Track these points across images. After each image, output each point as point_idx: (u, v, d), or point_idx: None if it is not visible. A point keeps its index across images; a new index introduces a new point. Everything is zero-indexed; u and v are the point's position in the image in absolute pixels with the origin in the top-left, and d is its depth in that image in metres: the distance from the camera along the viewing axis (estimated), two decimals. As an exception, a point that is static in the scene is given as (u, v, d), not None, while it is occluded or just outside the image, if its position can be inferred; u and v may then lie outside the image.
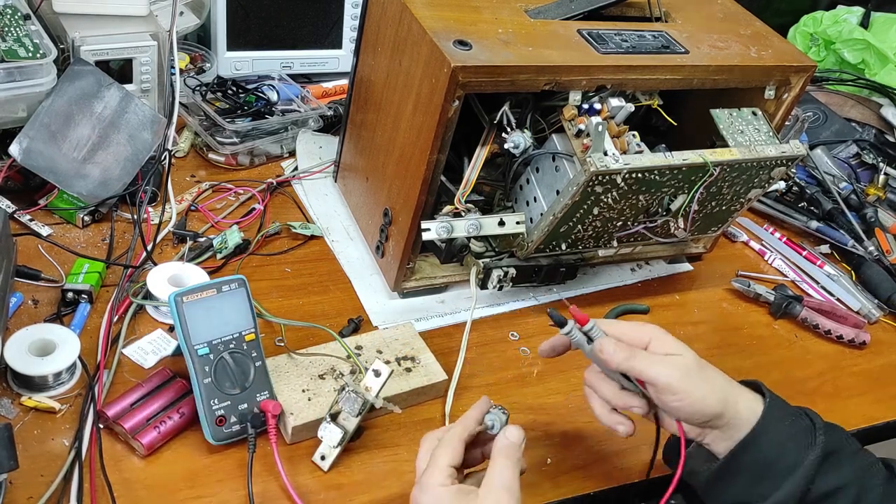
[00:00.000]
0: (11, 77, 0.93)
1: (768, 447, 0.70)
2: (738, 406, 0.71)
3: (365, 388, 0.78)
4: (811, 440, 0.70)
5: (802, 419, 0.73)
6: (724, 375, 0.73)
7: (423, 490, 0.65)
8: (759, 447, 0.70)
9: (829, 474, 0.69)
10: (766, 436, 0.70)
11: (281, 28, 1.27)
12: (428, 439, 0.70)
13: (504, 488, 0.63)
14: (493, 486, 0.64)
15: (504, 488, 0.63)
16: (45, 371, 0.78)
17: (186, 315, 0.76)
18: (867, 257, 1.19)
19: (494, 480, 0.64)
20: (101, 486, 0.72)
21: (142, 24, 1.03)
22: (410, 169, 0.88)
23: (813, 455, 0.69)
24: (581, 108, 0.87)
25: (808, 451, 0.70)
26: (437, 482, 0.65)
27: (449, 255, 0.94)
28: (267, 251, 1.02)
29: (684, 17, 1.00)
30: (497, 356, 0.95)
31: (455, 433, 0.68)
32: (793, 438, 0.70)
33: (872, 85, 1.55)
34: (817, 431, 0.71)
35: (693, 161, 0.86)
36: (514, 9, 0.91)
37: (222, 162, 1.15)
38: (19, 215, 0.97)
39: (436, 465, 0.65)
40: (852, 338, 1.07)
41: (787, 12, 1.75)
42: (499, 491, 0.63)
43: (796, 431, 0.71)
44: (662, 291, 1.11)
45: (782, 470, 0.69)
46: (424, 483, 0.65)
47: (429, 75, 0.82)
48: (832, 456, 0.70)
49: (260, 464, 0.76)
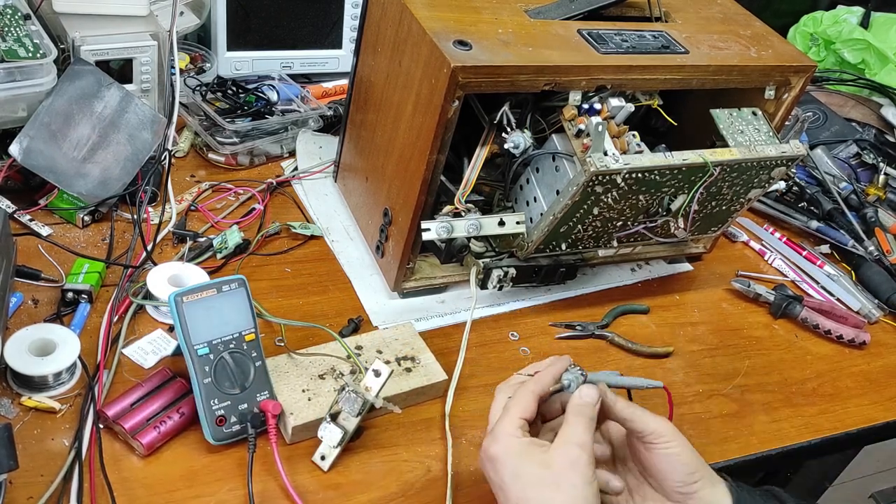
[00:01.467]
0: (11, 77, 0.93)
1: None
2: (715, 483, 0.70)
3: (365, 388, 0.78)
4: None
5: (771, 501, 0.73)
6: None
7: (495, 439, 0.66)
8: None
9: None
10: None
11: (281, 28, 1.27)
12: (503, 390, 0.71)
13: (576, 444, 0.65)
14: (566, 441, 0.65)
15: (576, 444, 0.65)
16: (45, 371, 0.78)
17: (186, 315, 0.76)
18: (867, 257, 1.19)
19: (568, 436, 0.65)
20: (100, 486, 0.72)
21: (142, 24, 1.03)
22: (410, 169, 0.88)
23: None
24: (581, 109, 0.87)
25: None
26: (509, 432, 0.66)
27: (449, 255, 0.94)
28: (267, 251, 1.02)
29: (684, 17, 1.00)
30: (497, 356, 0.95)
31: (529, 388, 0.69)
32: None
33: (872, 85, 1.55)
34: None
35: (693, 161, 0.86)
36: (514, 9, 0.91)
37: (222, 162, 1.15)
38: (19, 215, 0.97)
39: (508, 417, 0.67)
40: (852, 338, 1.07)
41: (787, 13, 1.75)
42: (571, 446, 0.65)
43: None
44: (662, 291, 1.11)
45: None
46: (497, 432, 0.66)
47: (429, 75, 0.82)
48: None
49: (259, 463, 0.76)
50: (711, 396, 0.96)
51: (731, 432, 0.92)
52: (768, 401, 0.98)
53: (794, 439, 0.94)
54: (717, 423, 0.93)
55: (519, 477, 0.64)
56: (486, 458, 0.66)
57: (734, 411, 0.95)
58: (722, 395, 0.97)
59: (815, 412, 0.98)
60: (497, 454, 0.65)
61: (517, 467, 0.64)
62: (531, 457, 0.65)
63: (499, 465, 0.65)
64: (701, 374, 0.99)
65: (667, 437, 0.69)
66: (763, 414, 0.96)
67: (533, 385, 0.69)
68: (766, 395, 0.98)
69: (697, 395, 0.96)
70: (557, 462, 0.64)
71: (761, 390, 0.99)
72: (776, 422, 0.95)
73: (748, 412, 0.95)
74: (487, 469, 0.66)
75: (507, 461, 0.65)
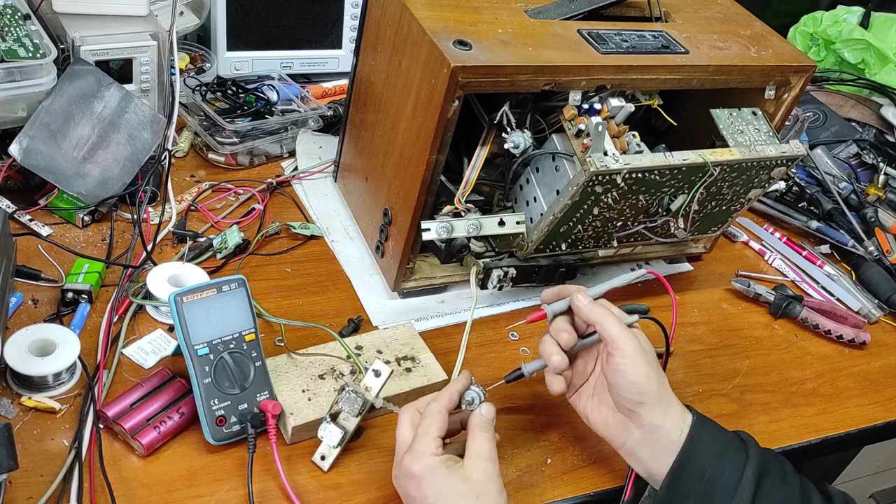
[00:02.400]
0: (11, 77, 0.93)
1: (707, 459, 0.71)
2: (671, 410, 0.73)
3: (365, 388, 0.78)
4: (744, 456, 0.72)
5: (733, 438, 0.75)
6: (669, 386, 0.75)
7: (416, 458, 0.68)
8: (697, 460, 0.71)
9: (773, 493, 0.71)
10: (700, 447, 0.72)
11: (281, 28, 1.27)
12: (408, 410, 0.74)
13: (488, 459, 0.70)
14: (479, 457, 0.69)
15: (488, 459, 0.70)
16: (45, 371, 0.78)
17: (186, 315, 0.76)
18: (867, 257, 1.19)
19: (479, 451, 0.70)
20: (100, 486, 0.72)
21: (142, 24, 1.03)
22: (410, 169, 0.88)
23: (749, 473, 0.71)
24: (581, 108, 0.87)
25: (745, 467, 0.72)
26: (430, 451, 0.69)
27: (449, 255, 0.94)
28: (267, 251, 1.02)
29: (684, 17, 1.00)
30: (496, 356, 0.95)
31: (442, 405, 0.72)
32: (727, 452, 0.72)
33: (872, 85, 1.55)
34: (749, 448, 0.73)
35: (693, 161, 0.86)
36: (513, 9, 0.91)
37: (222, 162, 1.15)
38: (19, 215, 0.97)
39: (428, 435, 0.70)
40: (852, 338, 1.07)
41: (787, 13, 1.75)
42: (485, 461, 0.69)
43: (729, 445, 0.73)
44: (662, 291, 1.11)
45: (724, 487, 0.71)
46: (418, 450, 0.69)
47: (428, 75, 0.82)
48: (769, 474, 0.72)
49: (259, 463, 0.76)
50: (711, 396, 0.96)
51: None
52: (768, 401, 0.98)
53: (794, 439, 0.94)
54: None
55: (443, 492, 0.68)
56: (407, 476, 0.69)
57: (734, 411, 0.95)
58: (721, 396, 0.97)
59: (815, 412, 0.98)
60: (420, 471, 0.68)
61: (440, 483, 0.68)
62: (452, 472, 0.68)
63: (423, 481, 0.68)
64: (700, 375, 0.99)
65: (622, 351, 0.72)
66: (763, 414, 0.96)
67: (444, 403, 0.73)
68: (766, 396, 0.98)
69: (697, 396, 0.96)
70: (475, 476, 0.68)
71: (761, 390, 0.99)
72: (776, 422, 0.95)
73: (748, 412, 0.95)
74: (408, 486, 0.69)
75: (430, 477, 0.68)
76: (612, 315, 0.74)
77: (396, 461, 0.71)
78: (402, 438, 0.72)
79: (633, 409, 0.73)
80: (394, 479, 0.72)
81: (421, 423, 0.71)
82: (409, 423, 0.72)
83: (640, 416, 0.73)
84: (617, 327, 0.73)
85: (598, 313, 0.74)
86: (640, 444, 0.74)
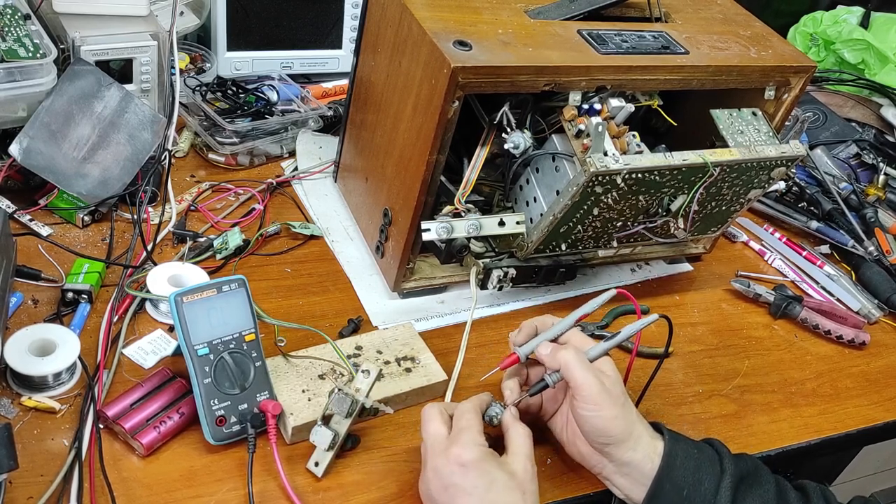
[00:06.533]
0: (11, 77, 0.93)
1: (682, 477, 0.73)
2: (640, 443, 0.74)
3: (355, 388, 0.77)
4: (720, 468, 0.74)
5: (706, 450, 0.76)
6: (638, 414, 0.76)
7: (467, 447, 0.70)
8: (673, 481, 0.72)
9: (750, 498, 0.73)
10: (675, 470, 0.73)
11: (281, 28, 1.27)
12: (435, 407, 0.75)
13: (528, 458, 0.72)
14: (521, 455, 0.72)
15: (528, 458, 0.72)
16: (45, 371, 0.78)
17: (186, 315, 0.76)
18: (867, 257, 1.19)
19: (521, 450, 0.72)
20: (100, 486, 0.72)
21: (142, 24, 1.03)
22: (410, 169, 0.88)
23: (726, 483, 0.73)
24: (581, 109, 0.87)
25: (722, 478, 0.73)
26: (479, 442, 0.71)
27: (449, 255, 0.94)
28: (267, 251, 1.02)
29: (684, 17, 1.00)
30: (496, 357, 0.95)
31: (475, 405, 0.75)
32: (702, 466, 0.74)
33: (872, 85, 1.55)
34: (723, 459, 0.75)
35: (693, 161, 0.86)
36: (514, 9, 0.91)
37: (222, 162, 1.15)
38: (19, 215, 0.97)
39: (472, 428, 0.72)
40: (852, 338, 1.07)
41: (787, 13, 1.75)
42: (526, 459, 0.72)
43: (702, 458, 0.74)
44: (662, 292, 1.11)
45: (703, 502, 0.72)
46: (467, 441, 0.70)
47: (428, 76, 0.82)
48: (745, 480, 0.74)
49: (259, 464, 0.76)
50: (711, 397, 0.96)
51: (731, 433, 0.92)
52: (768, 401, 0.98)
53: (794, 440, 0.94)
54: (717, 424, 0.93)
55: (494, 481, 0.69)
56: (457, 464, 0.69)
57: (734, 412, 0.95)
58: (721, 396, 0.97)
59: (815, 413, 0.98)
60: (471, 460, 0.69)
61: (492, 472, 0.69)
62: (501, 465, 0.70)
63: (474, 470, 0.69)
64: (700, 375, 0.99)
65: (585, 398, 0.73)
66: (762, 414, 0.96)
67: (476, 404, 0.75)
68: (766, 396, 0.98)
69: (697, 396, 0.96)
70: (519, 471, 0.71)
71: (761, 391, 0.99)
72: (776, 422, 0.95)
73: (748, 413, 0.95)
74: (455, 474, 0.69)
75: (482, 466, 0.69)
76: (575, 359, 0.74)
77: (435, 452, 0.71)
78: (435, 431, 0.72)
79: (601, 449, 0.75)
80: (431, 471, 0.71)
81: (461, 418, 0.73)
82: (439, 418, 0.73)
83: (609, 454, 0.74)
84: (580, 371, 0.73)
85: (561, 359, 0.75)
86: (614, 475, 0.75)
